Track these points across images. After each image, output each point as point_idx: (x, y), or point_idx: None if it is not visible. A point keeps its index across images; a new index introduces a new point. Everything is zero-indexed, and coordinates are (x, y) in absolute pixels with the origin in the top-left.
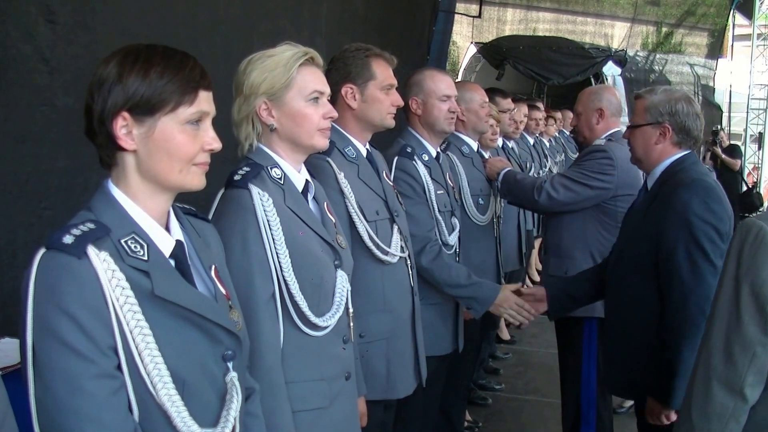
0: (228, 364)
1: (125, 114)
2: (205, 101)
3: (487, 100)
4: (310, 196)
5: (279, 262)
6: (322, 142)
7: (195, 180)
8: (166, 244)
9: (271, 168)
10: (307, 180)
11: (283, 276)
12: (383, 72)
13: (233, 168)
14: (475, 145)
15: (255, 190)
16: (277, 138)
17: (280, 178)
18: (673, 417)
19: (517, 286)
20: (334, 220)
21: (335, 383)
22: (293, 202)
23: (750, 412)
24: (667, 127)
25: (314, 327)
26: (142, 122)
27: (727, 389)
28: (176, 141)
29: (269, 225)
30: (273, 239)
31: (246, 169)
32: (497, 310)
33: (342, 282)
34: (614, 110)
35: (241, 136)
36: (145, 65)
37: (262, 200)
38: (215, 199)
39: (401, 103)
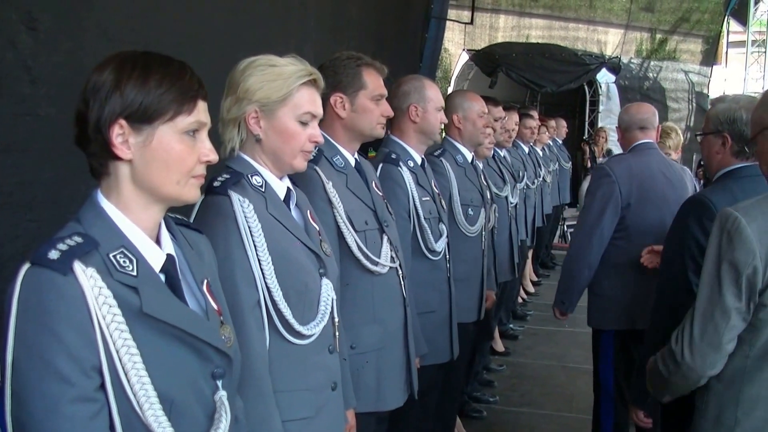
0: (217, 382)
1: (122, 122)
2: (203, 111)
3: (486, 111)
4: (292, 204)
5: (262, 269)
6: (302, 164)
7: (192, 192)
8: (156, 258)
9: (251, 176)
10: (288, 188)
11: (266, 283)
12: (374, 82)
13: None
14: (470, 156)
15: (235, 197)
16: (260, 149)
17: (261, 186)
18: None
19: None
20: (317, 228)
21: (321, 393)
22: (275, 209)
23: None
24: (726, 136)
25: (298, 335)
26: (139, 131)
27: (707, 345)
28: (175, 151)
29: (250, 232)
30: (255, 246)
31: (225, 176)
32: None
33: (327, 290)
34: (626, 126)
35: (225, 137)
36: (144, 73)
37: (242, 206)
38: (194, 207)
39: (391, 113)
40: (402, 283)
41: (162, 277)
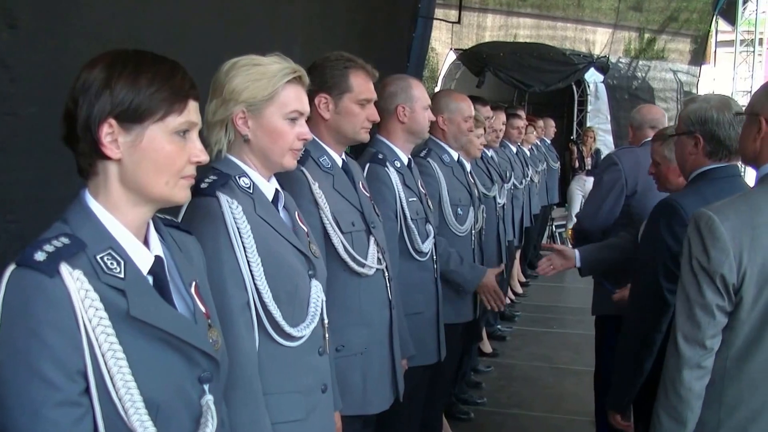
0: (204, 386)
1: (111, 121)
2: (194, 111)
3: (473, 114)
4: (280, 206)
5: (251, 271)
6: (292, 163)
7: (182, 193)
8: (144, 260)
9: (239, 177)
10: (276, 189)
11: (255, 284)
12: (361, 85)
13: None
14: (455, 155)
15: (223, 198)
16: (249, 150)
17: (248, 187)
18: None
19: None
20: (306, 230)
21: (311, 396)
22: (264, 210)
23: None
24: (698, 137)
25: (288, 337)
26: (129, 130)
27: (692, 344)
28: (165, 151)
29: (239, 233)
30: (244, 247)
31: (213, 177)
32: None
33: (317, 292)
34: (638, 125)
35: (212, 140)
36: (135, 71)
37: (231, 208)
38: (182, 209)
39: (378, 118)
40: (388, 285)
41: (150, 279)
